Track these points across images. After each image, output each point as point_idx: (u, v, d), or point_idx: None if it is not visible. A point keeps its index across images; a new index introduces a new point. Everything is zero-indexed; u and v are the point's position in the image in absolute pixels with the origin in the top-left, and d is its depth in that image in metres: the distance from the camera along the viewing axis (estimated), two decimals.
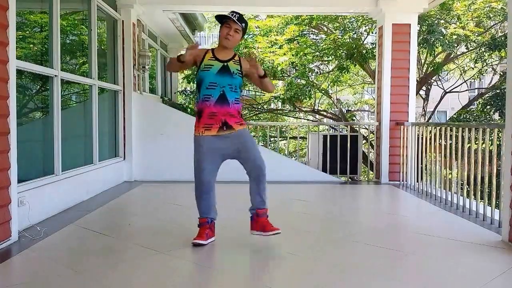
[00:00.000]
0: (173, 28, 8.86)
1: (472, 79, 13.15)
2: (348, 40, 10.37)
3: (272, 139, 12.61)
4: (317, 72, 11.61)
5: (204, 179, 3.33)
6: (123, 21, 6.41)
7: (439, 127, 5.36)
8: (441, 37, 9.32)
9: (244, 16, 3.41)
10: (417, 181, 5.92)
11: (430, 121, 12.78)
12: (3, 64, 3.30)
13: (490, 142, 4.29)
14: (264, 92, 12.84)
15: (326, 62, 11.66)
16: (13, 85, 3.39)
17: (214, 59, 3.35)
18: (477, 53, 10.43)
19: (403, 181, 6.35)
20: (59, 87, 4.62)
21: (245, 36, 11.21)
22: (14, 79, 3.42)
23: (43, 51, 4.74)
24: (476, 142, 4.59)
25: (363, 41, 10.96)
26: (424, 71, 11.35)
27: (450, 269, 2.97)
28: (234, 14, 3.33)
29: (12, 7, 3.38)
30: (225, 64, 3.34)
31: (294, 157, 11.69)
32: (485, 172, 4.36)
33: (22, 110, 4.50)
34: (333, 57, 10.72)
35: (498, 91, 10.28)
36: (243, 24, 3.35)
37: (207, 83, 3.31)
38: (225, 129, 3.30)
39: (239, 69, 3.38)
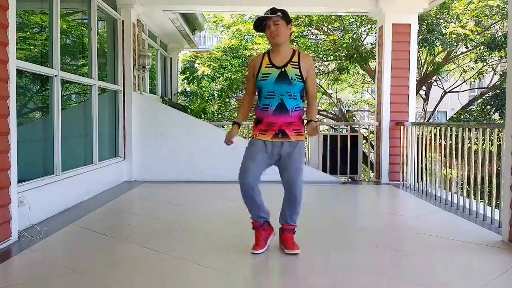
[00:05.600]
0: (173, 28, 8.86)
1: (472, 79, 13.14)
2: (348, 41, 10.36)
3: None
4: (317, 73, 11.61)
5: (245, 180, 3.17)
6: (123, 21, 6.41)
7: (439, 127, 5.36)
8: (441, 36, 9.32)
9: (276, 7, 3.16)
10: (417, 181, 5.92)
11: (430, 121, 12.77)
12: (3, 64, 3.30)
13: (490, 142, 4.29)
14: None
15: (326, 63, 11.64)
16: (13, 85, 3.40)
17: (271, 65, 3.16)
18: (477, 52, 10.43)
19: (403, 181, 6.34)
20: (59, 87, 4.61)
21: (245, 37, 11.21)
22: (14, 79, 3.42)
23: (43, 51, 4.74)
24: (476, 142, 4.59)
25: (362, 41, 10.95)
26: (424, 71, 11.34)
27: (450, 269, 2.97)
28: (267, 11, 3.14)
29: (12, 7, 3.38)
30: (283, 69, 3.14)
31: None
32: (485, 172, 4.36)
33: (22, 110, 4.50)
34: (332, 58, 10.71)
35: (498, 91, 10.28)
36: (279, 13, 3.11)
37: (265, 92, 3.15)
38: (280, 136, 3.16)
39: (299, 74, 3.14)
